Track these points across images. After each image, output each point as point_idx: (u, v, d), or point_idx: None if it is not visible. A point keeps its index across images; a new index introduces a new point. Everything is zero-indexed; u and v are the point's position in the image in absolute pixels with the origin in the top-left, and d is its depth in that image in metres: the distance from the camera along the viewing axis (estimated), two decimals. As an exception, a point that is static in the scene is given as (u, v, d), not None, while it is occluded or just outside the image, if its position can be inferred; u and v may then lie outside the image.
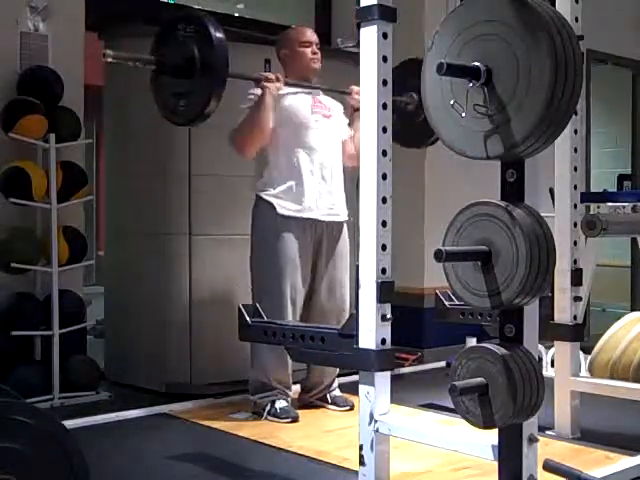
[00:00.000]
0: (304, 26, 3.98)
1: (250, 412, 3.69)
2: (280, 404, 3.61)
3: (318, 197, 3.66)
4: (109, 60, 3.08)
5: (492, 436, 2.17)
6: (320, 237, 3.70)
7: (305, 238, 3.65)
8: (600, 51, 6.33)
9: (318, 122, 3.72)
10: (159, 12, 5.01)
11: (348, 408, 3.77)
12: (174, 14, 3.30)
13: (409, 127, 4.04)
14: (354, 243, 3.65)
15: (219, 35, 3.08)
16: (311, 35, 3.81)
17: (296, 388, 3.90)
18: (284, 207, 3.61)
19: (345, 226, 3.80)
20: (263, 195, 3.65)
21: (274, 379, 3.64)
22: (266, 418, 3.60)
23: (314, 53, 3.76)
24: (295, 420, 3.58)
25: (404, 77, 4.04)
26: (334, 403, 3.84)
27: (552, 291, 3.30)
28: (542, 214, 2.10)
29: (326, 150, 3.71)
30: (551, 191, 3.41)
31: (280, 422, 3.56)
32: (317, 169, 3.67)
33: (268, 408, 3.61)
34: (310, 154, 3.66)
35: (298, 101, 3.72)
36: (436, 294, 3.84)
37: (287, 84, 3.67)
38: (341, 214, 3.77)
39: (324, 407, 3.84)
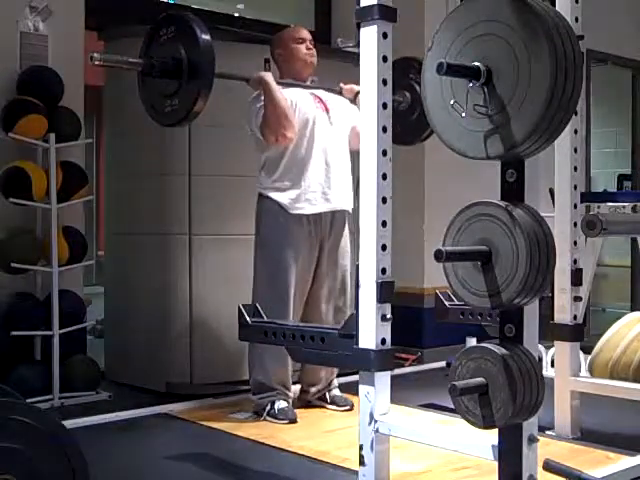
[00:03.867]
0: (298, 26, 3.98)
1: (250, 412, 3.70)
2: (279, 405, 3.62)
3: (323, 191, 3.66)
4: (97, 63, 3.05)
5: (492, 436, 2.17)
6: (324, 232, 3.70)
7: (310, 234, 3.65)
8: (600, 51, 6.32)
9: (320, 116, 3.71)
10: (159, 12, 5.00)
11: (348, 408, 3.77)
12: (160, 15, 3.27)
13: (403, 125, 4.03)
14: (354, 243, 3.65)
15: (205, 36, 3.05)
16: (305, 32, 3.84)
17: (296, 388, 3.90)
18: (289, 205, 3.61)
19: (348, 219, 3.78)
20: (268, 193, 3.65)
21: (274, 380, 3.64)
22: (265, 418, 3.61)
23: (308, 49, 3.78)
24: (293, 422, 3.58)
25: (396, 76, 4.05)
26: (333, 403, 3.84)
27: (552, 291, 3.30)
28: (542, 214, 2.10)
29: (330, 143, 3.70)
30: (551, 191, 3.41)
31: (277, 423, 3.57)
32: (322, 163, 3.66)
33: (268, 408, 3.62)
34: (315, 148, 3.65)
35: (299, 97, 3.70)
36: (436, 294, 3.83)
37: (283, 84, 3.67)
38: (346, 204, 3.76)
39: (323, 407, 3.84)
